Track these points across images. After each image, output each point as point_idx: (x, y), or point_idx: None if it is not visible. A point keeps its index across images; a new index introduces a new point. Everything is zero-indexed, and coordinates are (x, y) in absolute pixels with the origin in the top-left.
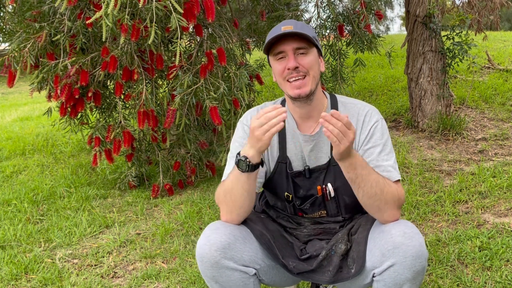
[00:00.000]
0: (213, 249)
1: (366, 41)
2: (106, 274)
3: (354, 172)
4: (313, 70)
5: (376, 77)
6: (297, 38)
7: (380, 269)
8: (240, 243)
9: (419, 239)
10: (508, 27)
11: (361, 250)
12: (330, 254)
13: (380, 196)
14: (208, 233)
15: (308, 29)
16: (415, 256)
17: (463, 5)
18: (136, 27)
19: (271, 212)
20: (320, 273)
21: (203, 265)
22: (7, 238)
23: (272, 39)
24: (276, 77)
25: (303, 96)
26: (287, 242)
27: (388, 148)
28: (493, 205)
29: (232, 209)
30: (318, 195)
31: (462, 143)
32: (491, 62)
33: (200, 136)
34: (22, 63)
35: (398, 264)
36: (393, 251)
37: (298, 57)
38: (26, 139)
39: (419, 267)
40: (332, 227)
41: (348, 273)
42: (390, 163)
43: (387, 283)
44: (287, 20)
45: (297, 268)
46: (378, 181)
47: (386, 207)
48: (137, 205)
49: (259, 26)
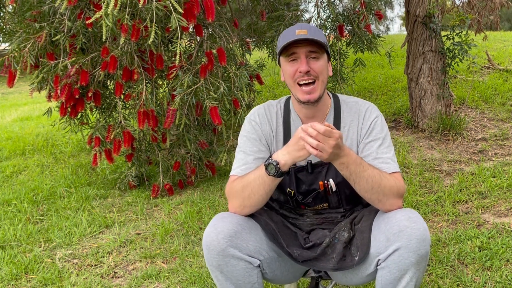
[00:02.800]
0: (220, 236)
1: (366, 41)
2: (106, 274)
3: (347, 170)
4: (323, 75)
5: (376, 77)
6: (310, 42)
7: (385, 254)
8: (246, 233)
9: (423, 223)
10: (508, 27)
11: (366, 237)
12: (334, 241)
13: (377, 189)
14: (215, 222)
15: (321, 34)
16: (419, 239)
17: (463, 5)
18: (136, 27)
19: (274, 204)
20: (324, 261)
21: (209, 253)
22: (7, 238)
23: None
24: (286, 78)
25: (312, 102)
26: (291, 232)
27: (387, 142)
28: (493, 205)
29: (247, 204)
30: (320, 190)
31: (462, 143)
32: (491, 62)
33: (200, 136)
34: (22, 63)
35: (403, 248)
36: (398, 235)
37: (310, 61)
38: (26, 139)
39: (423, 250)
40: (333, 216)
41: (351, 261)
42: (389, 156)
43: (391, 269)
44: (301, 24)
45: (302, 256)
46: (374, 176)
47: (385, 199)
48: (137, 205)
49: (259, 26)
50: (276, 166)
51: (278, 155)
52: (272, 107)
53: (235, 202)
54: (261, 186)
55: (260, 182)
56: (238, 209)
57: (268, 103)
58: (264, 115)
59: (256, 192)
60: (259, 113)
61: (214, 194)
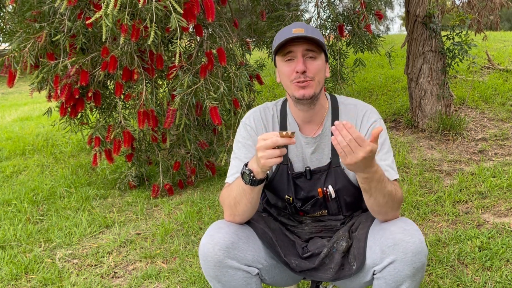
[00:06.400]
0: (216, 248)
1: (366, 41)
2: (106, 274)
3: (368, 185)
4: (319, 76)
5: (376, 77)
6: (307, 41)
7: (380, 266)
8: (243, 243)
9: (419, 236)
10: (508, 27)
11: (362, 246)
12: (332, 251)
13: (390, 204)
14: (211, 232)
15: (318, 34)
16: (415, 252)
17: (463, 5)
18: (136, 27)
19: (272, 210)
20: (322, 271)
21: (206, 264)
22: (7, 238)
23: (283, 40)
24: (282, 78)
25: (307, 97)
26: (289, 241)
27: (386, 147)
28: (493, 205)
29: (236, 213)
30: (319, 197)
31: (462, 143)
32: (491, 62)
33: (200, 136)
34: (22, 63)
35: (398, 261)
36: (393, 248)
37: (306, 61)
38: (26, 139)
39: (419, 263)
40: (333, 224)
41: (349, 270)
42: (387, 163)
43: (387, 280)
44: (297, 22)
45: (299, 266)
46: (391, 192)
47: (391, 211)
48: (137, 205)
49: (259, 26)
50: (250, 174)
51: (251, 163)
52: (268, 110)
53: (226, 211)
54: (242, 195)
55: (241, 191)
56: (230, 217)
57: (264, 106)
58: (260, 119)
59: (239, 201)
60: (255, 117)
61: (214, 194)
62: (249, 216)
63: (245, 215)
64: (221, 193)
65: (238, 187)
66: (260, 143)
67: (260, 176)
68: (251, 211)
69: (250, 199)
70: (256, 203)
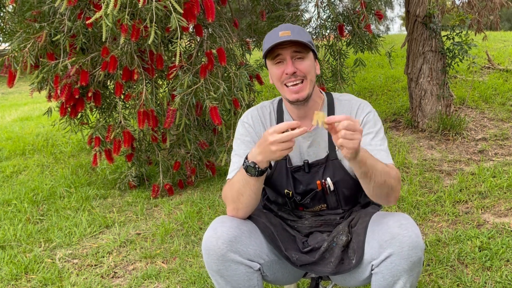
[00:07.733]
0: (220, 241)
1: (366, 41)
2: (106, 274)
3: (365, 166)
4: (310, 75)
5: (376, 77)
6: (294, 43)
7: (378, 260)
8: (246, 237)
9: (415, 230)
10: (508, 27)
11: (361, 240)
12: (332, 245)
13: (388, 182)
14: (215, 226)
15: (305, 34)
16: (411, 246)
17: (463, 5)
18: (136, 27)
19: (273, 206)
20: (322, 265)
21: (209, 258)
22: (7, 238)
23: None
24: (274, 80)
25: (301, 101)
26: (289, 235)
27: (380, 135)
28: (493, 205)
29: (239, 207)
30: (318, 190)
31: (462, 143)
32: (491, 62)
33: (200, 136)
34: (22, 63)
35: (395, 255)
36: (390, 242)
37: (295, 62)
38: (26, 139)
39: (415, 257)
40: (332, 218)
41: (349, 264)
42: (383, 148)
43: (384, 275)
44: (284, 25)
45: (300, 260)
46: (384, 168)
47: (391, 192)
48: (137, 205)
49: (259, 26)
50: (255, 166)
51: (253, 156)
52: (265, 108)
53: (229, 205)
54: (247, 188)
55: (246, 184)
56: (233, 212)
57: (261, 105)
58: (257, 116)
59: (243, 193)
60: (252, 114)
61: (214, 194)
62: (252, 208)
63: (248, 208)
64: (223, 189)
65: (241, 180)
66: (274, 137)
67: (265, 165)
68: (254, 203)
69: (254, 190)
70: (259, 194)
